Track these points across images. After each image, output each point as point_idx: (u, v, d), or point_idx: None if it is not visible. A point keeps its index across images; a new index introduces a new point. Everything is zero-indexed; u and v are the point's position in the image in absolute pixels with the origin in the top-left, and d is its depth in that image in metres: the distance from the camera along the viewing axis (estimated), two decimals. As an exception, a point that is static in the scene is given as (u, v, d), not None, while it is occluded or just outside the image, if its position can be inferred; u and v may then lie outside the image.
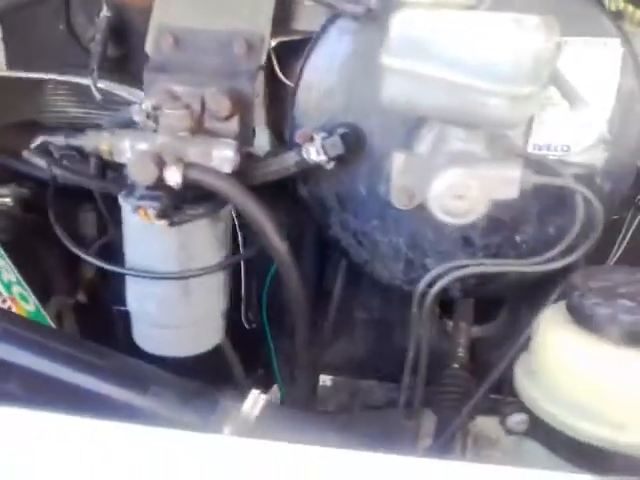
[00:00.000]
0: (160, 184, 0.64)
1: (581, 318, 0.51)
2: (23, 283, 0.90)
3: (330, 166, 0.73)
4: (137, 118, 0.71)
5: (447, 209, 0.53)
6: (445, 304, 1.00)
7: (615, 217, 0.84)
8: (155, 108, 0.71)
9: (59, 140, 0.73)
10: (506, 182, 0.52)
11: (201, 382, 0.73)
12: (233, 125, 0.76)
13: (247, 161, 0.76)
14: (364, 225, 0.80)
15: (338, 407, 1.11)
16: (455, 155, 0.56)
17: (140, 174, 0.63)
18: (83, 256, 0.74)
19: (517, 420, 0.52)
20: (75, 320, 1.04)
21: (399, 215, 0.76)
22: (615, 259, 0.84)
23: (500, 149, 0.57)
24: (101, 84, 0.86)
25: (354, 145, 0.73)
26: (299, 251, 0.96)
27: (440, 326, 1.04)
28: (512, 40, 0.49)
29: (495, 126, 0.54)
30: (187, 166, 0.64)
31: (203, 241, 0.72)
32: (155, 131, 0.70)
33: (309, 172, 0.76)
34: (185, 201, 0.68)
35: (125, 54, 0.92)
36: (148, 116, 0.71)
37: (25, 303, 0.90)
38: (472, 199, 0.52)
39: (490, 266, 0.67)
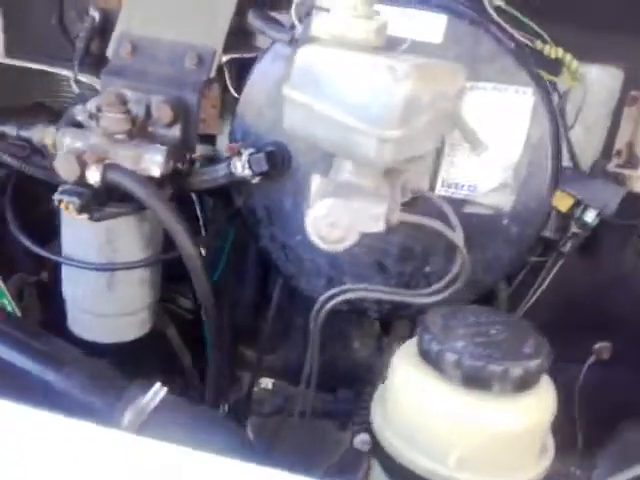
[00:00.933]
0: (83, 181, 0.69)
1: (426, 356, 0.53)
2: (-16, 258, 0.96)
3: (255, 181, 0.77)
4: (80, 117, 0.77)
5: (321, 235, 0.57)
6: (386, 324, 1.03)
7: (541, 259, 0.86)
8: (98, 110, 0.76)
9: (11, 130, 0.79)
10: (373, 217, 0.55)
11: (123, 370, 0.79)
12: (175, 132, 0.81)
13: (189, 167, 0.82)
14: (290, 239, 0.84)
15: (274, 410, 1.14)
16: (341, 185, 0.60)
17: (64, 170, 0.68)
18: (23, 241, 0.79)
19: (362, 439, 0.56)
20: (37, 298, 1.10)
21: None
22: (531, 302, 0.86)
23: (392, 185, 0.61)
24: (83, 77, 0.92)
25: (279, 163, 0.77)
26: (244, 256, 1.01)
27: (378, 344, 1.07)
28: (383, 85, 0.53)
29: (367, 164, 0.57)
30: (107, 167, 0.69)
31: (128, 237, 0.77)
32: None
33: (241, 184, 0.80)
34: (110, 198, 0.73)
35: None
36: (90, 116, 0.76)
37: (-17, 276, 0.97)
38: (343, 229, 0.56)
39: (371, 292, 0.70)
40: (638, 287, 0.84)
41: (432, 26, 0.69)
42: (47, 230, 0.83)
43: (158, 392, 0.71)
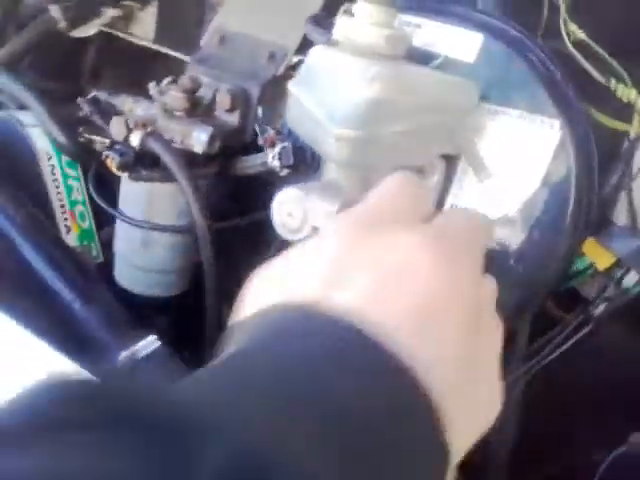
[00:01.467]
0: (128, 143, 0.78)
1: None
2: (88, 206, 1.12)
3: (283, 173, 0.81)
4: (151, 92, 0.87)
5: (281, 222, 0.59)
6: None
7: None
8: (166, 87, 0.85)
9: (102, 95, 0.92)
10: (324, 214, 0.56)
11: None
12: (234, 118, 0.88)
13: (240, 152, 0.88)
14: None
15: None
16: (323, 184, 0.61)
17: (114, 131, 0.78)
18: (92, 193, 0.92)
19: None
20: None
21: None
22: (545, 360, 0.78)
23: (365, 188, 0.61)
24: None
25: (308, 160, 0.79)
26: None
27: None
28: (352, 84, 0.53)
29: (330, 160, 0.58)
30: (148, 134, 0.77)
31: (166, 203, 0.85)
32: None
33: (274, 175, 0.85)
34: (155, 164, 0.82)
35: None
36: (160, 92, 0.86)
37: (82, 221, 1.13)
38: (298, 220, 0.57)
39: None
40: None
41: (468, 44, 0.67)
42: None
43: (152, 344, 0.78)
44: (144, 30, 1.43)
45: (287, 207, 0.58)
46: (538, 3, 0.85)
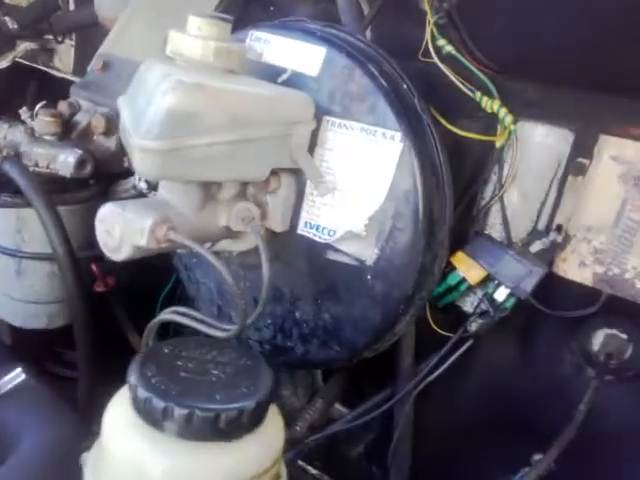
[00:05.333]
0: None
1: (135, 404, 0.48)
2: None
3: (151, 195, 0.78)
4: (23, 117, 0.85)
5: (103, 241, 0.56)
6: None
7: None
8: (36, 113, 0.84)
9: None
10: (138, 230, 0.53)
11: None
12: (110, 142, 0.86)
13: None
14: (190, 261, 0.83)
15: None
16: (149, 199, 0.59)
17: (-22, 158, 0.76)
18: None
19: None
20: None
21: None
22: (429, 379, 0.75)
23: (195, 205, 0.58)
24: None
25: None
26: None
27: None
28: (154, 95, 0.51)
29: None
30: (4, 158, 0.75)
31: (36, 229, 0.82)
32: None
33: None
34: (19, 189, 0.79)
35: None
36: (31, 117, 0.84)
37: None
38: (116, 238, 0.54)
39: (182, 316, 0.65)
40: (574, 398, 0.68)
41: (312, 58, 0.66)
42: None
43: (17, 377, 0.75)
44: (63, 63, 1.44)
45: (106, 224, 0.56)
46: (410, 18, 0.85)
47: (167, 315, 0.63)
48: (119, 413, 0.49)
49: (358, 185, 0.64)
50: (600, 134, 0.64)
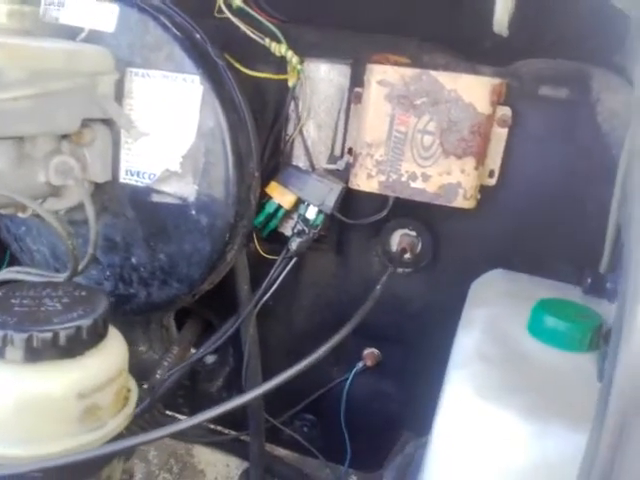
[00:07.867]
0: None
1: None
2: None
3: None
4: None
5: None
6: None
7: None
8: None
9: None
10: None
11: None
12: None
13: None
14: (18, 230, 0.84)
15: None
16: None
17: None
18: None
19: None
20: None
21: (39, 224, 0.80)
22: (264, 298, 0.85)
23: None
24: None
25: None
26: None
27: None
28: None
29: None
30: None
31: None
32: None
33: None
34: None
35: None
36: None
37: None
38: None
39: (18, 274, 0.69)
40: (385, 293, 0.82)
41: (106, 15, 0.70)
42: None
43: None
44: None
45: None
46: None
47: (6, 274, 0.66)
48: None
49: (168, 128, 0.70)
50: (368, 64, 0.77)
